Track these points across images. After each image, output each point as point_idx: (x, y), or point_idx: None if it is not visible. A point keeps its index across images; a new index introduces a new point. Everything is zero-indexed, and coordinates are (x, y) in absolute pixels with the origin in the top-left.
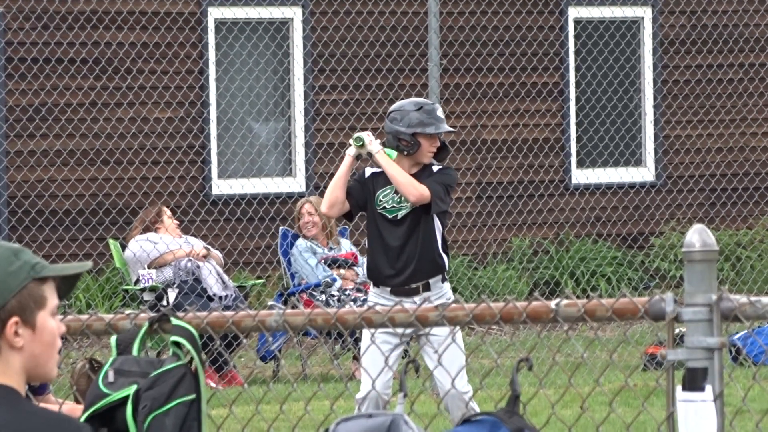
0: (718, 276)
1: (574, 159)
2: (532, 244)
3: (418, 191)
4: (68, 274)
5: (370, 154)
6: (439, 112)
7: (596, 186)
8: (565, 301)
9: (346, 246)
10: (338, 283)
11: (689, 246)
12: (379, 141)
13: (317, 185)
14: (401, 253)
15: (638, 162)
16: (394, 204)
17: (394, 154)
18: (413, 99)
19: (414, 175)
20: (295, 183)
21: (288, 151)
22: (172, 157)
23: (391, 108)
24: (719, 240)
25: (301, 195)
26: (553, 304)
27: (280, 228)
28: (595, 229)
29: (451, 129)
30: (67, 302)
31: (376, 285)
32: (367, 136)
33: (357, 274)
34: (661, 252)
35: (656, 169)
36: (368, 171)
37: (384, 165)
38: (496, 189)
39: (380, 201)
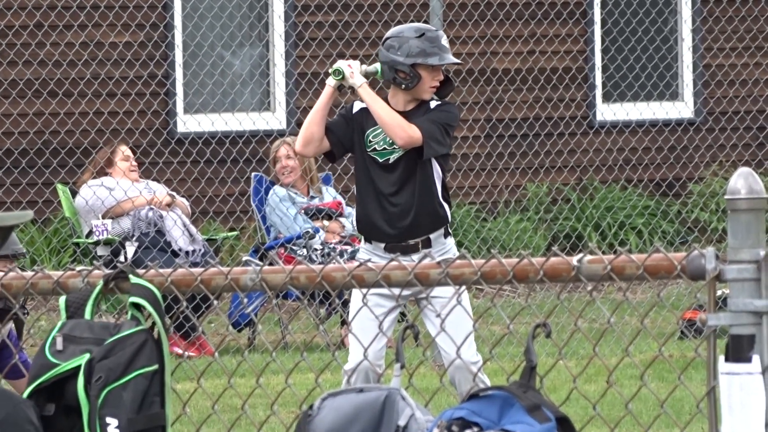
0: None
1: (599, 92)
2: (550, 191)
3: (406, 133)
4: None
5: (353, 88)
6: (444, 41)
7: (625, 123)
8: (588, 257)
9: (330, 195)
10: (321, 236)
11: (733, 193)
12: (365, 66)
13: (299, 122)
14: (395, 203)
15: (674, 95)
16: (385, 146)
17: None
18: (414, 24)
19: (409, 113)
20: (274, 119)
21: (265, 82)
22: (131, 88)
23: (388, 34)
24: None
25: (280, 133)
26: (574, 260)
27: (254, 174)
28: (623, 174)
29: (457, 60)
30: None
31: (367, 240)
32: (347, 67)
33: (343, 226)
34: (700, 200)
35: (695, 103)
36: (357, 105)
37: (368, 101)
38: (508, 127)
39: (370, 142)
